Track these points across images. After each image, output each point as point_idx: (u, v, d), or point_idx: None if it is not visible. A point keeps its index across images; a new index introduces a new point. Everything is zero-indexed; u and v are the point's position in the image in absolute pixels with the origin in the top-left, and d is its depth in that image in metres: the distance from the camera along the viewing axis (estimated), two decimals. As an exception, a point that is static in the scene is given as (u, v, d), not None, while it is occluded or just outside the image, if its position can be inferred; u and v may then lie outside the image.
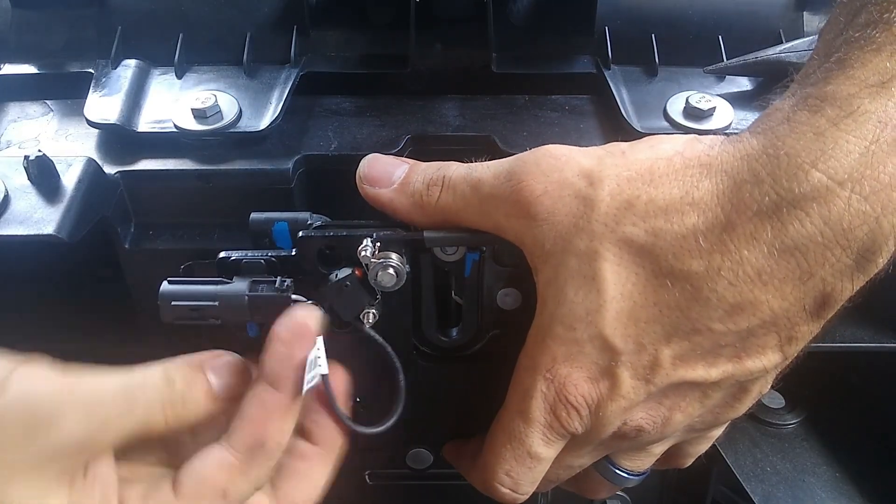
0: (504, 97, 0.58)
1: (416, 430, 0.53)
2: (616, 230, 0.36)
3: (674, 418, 0.40)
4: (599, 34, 0.60)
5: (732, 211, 0.34)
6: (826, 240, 0.33)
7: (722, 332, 0.36)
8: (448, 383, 0.51)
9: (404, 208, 0.43)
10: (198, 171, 0.51)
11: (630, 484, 0.46)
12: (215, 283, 0.41)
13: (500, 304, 0.47)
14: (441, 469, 0.55)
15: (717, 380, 0.38)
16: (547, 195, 0.38)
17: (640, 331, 0.37)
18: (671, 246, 0.35)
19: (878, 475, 0.66)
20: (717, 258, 0.35)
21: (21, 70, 0.59)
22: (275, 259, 0.42)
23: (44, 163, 0.45)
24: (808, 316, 0.36)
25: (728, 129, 0.53)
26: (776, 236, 0.34)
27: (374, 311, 0.44)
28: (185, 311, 0.40)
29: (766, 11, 0.60)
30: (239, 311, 0.40)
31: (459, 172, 0.42)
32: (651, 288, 0.36)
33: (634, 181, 0.37)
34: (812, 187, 0.33)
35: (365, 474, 0.61)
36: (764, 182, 0.34)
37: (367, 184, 0.44)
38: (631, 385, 0.38)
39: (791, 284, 0.34)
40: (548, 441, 0.41)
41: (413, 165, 0.44)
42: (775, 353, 0.37)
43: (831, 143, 0.33)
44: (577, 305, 0.37)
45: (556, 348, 0.38)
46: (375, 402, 0.48)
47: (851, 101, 0.34)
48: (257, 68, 0.59)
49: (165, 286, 0.40)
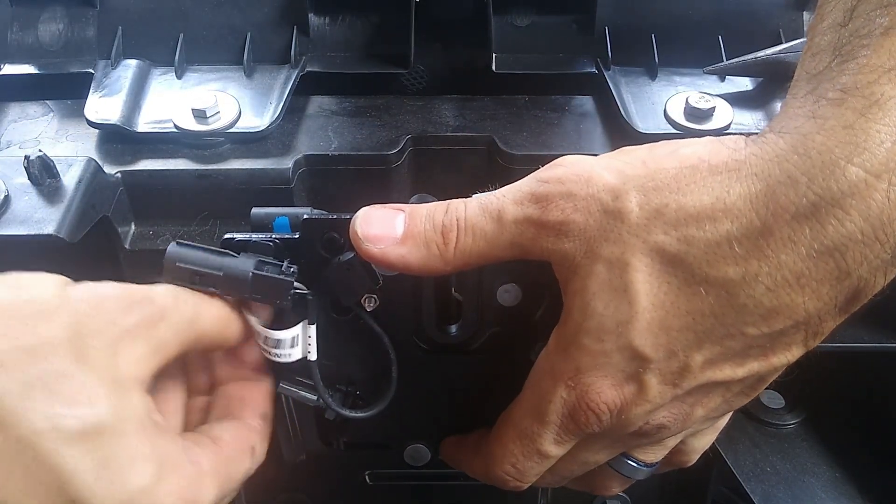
0: (504, 97, 0.58)
1: (414, 426, 0.53)
2: (647, 240, 0.36)
3: (695, 413, 0.40)
4: (599, 34, 0.60)
5: (769, 215, 0.33)
6: (865, 237, 0.32)
7: (755, 336, 0.36)
8: (448, 379, 0.51)
9: (418, 261, 0.40)
10: (198, 171, 0.51)
11: (642, 476, 0.46)
12: (223, 255, 0.41)
13: (499, 300, 0.47)
14: (439, 468, 0.55)
15: (742, 377, 0.38)
16: (578, 212, 0.37)
17: (672, 339, 0.36)
18: (704, 253, 0.35)
19: (878, 475, 0.66)
20: (755, 264, 0.34)
21: (21, 70, 0.59)
22: (279, 242, 0.42)
23: (44, 163, 0.46)
24: (837, 312, 0.35)
25: (728, 130, 0.53)
26: (815, 238, 0.33)
27: (376, 297, 0.44)
28: (188, 274, 0.40)
29: (766, 11, 0.60)
30: (240, 285, 0.40)
31: (473, 209, 0.40)
32: (684, 296, 0.35)
33: (661, 190, 0.36)
34: (850, 184, 0.32)
35: (365, 474, 0.61)
36: (799, 183, 0.33)
37: (370, 243, 0.40)
38: (658, 390, 0.38)
39: (828, 285, 0.34)
40: (560, 441, 0.41)
41: (411, 211, 0.41)
42: (800, 348, 0.37)
43: (862, 134, 0.32)
44: (607, 318, 0.37)
45: (582, 358, 0.38)
46: (371, 393, 0.48)
47: (873, 88, 0.33)
48: (257, 68, 0.59)
49: (173, 247, 0.40)
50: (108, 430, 0.33)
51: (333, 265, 0.42)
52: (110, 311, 0.36)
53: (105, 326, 0.35)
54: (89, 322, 0.35)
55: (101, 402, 0.33)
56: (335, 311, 0.46)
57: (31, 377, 0.32)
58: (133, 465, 0.34)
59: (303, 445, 0.55)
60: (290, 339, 0.43)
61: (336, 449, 0.56)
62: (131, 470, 0.34)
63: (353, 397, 0.49)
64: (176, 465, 0.36)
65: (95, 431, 0.33)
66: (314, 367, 0.44)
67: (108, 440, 0.33)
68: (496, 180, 0.53)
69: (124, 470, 0.33)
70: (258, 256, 0.41)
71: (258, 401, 0.44)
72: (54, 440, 0.32)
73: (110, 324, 0.36)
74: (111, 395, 0.34)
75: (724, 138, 0.37)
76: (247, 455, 0.42)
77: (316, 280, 0.43)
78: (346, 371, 0.49)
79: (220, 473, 0.39)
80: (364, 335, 0.46)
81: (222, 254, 0.41)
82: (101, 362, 0.34)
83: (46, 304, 0.34)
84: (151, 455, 0.35)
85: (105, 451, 0.33)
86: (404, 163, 0.54)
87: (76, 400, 0.33)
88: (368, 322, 0.46)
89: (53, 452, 0.32)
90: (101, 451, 0.33)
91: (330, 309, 0.46)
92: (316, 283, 0.43)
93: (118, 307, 0.36)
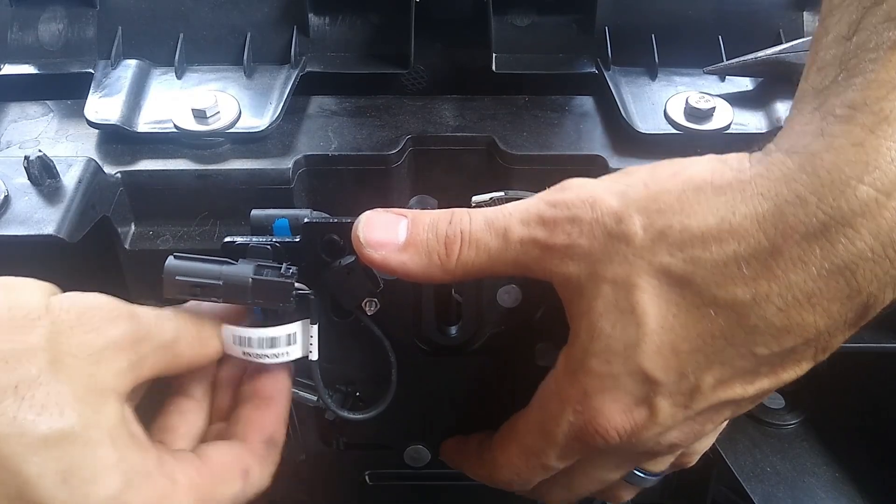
0: (504, 97, 0.58)
1: (414, 427, 0.53)
2: (652, 261, 0.35)
3: (705, 430, 0.40)
4: (599, 34, 0.60)
5: (777, 235, 0.33)
6: (875, 255, 0.32)
7: (766, 356, 0.35)
8: (448, 381, 0.51)
9: (419, 269, 0.40)
10: (198, 171, 0.51)
11: (650, 484, 0.46)
12: (221, 263, 0.41)
13: (499, 301, 0.47)
14: (439, 469, 0.55)
15: (752, 395, 0.37)
16: (583, 237, 0.37)
17: (682, 361, 0.36)
18: (712, 275, 0.34)
19: (878, 475, 0.66)
20: (764, 284, 0.33)
21: (21, 70, 0.59)
22: (279, 245, 0.42)
23: (44, 163, 0.46)
24: (847, 327, 0.35)
25: (728, 130, 0.53)
26: (825, 257, 0.32)
27: (376, 301, 0.44)
28: (188, 288, 0.40)
29: (766, 11, 0.60)
30: (241, 292, 0.40)
31: (479, 223, 0.39)
32: (693, 318, 0.35)
33: (664, 212, 0.36)
34: (861, 203, 0.32)
35: (365, 474, 0.61)
36: (809, 202, 0.32)
37: (371, 248, 0.40)
38: (669, 413, 0.37)
39: (839, 303, 0.33)
40: (565, 457, 0.41)
41: (414, 218, 0.40)
42: (809, 362, 0.36)
43: (873, 153, 0.32)
44: (615, 339, 0.36)
45: (589, 382, 0.38)
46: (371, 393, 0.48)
47: (882, 104, 0.32)
48: (257, 68, 0.59)
49: (171, 261, 0.40)
50: (75, 439, 0.33)
51: (334, 269, 0.42)
52: (94, 321, 0.36)
53: (87, 337, 0.35)
54: (70, 332, 0.35)
55: (71, 411, 0.33)
56: (335, 313, 0.46)
57: (4, 384, 0.32)
58: (99, 476, 0.33)
59: (303, 445, 0.55)
60: (286, 336, 0.42)
61: (336, 449, 0.56)
62: (96, 480, 0.33)
63: (352, 398, 0.49)
64: (147, 478, 0.36)
65: (62, 439, 0.33)
66: (315, 368, 0.44)
67: (74, 449, 0.33)
68: (496, 180, 0.53)
69: (89, 480, 0.33)
70: (257, 261, 0.41)
71: (266, 424, 0.43)
72: (19, 445, 0.32)
73: (93, 334, 0.35)
74: (83, 405, 0.34)
75: (728, 157, 0.36)
76: (237, 477, 0.40)
77: (316, 283, 0.43)
78: (346, 372, 0.49)
79: (200, 491, 0.38)
80: (364, 337, 0.46)
81: (221, 262, 0.41)
82: (76, 372, 0.34)
83: (30, 311, 0.34)
84: (119, 466, 0.34)
85: (70, 459, 0.33)
86: (404, 163, 0.54)
87: (45, 407, 0.32)
88: (369, 326, 0.45)
89: (17, 457, 0.31)
90: (66, 459, 0.33)
91: (330, 311, 0.46)
92: (316, 285, 0.43)
93: (103, 318, 0.36)
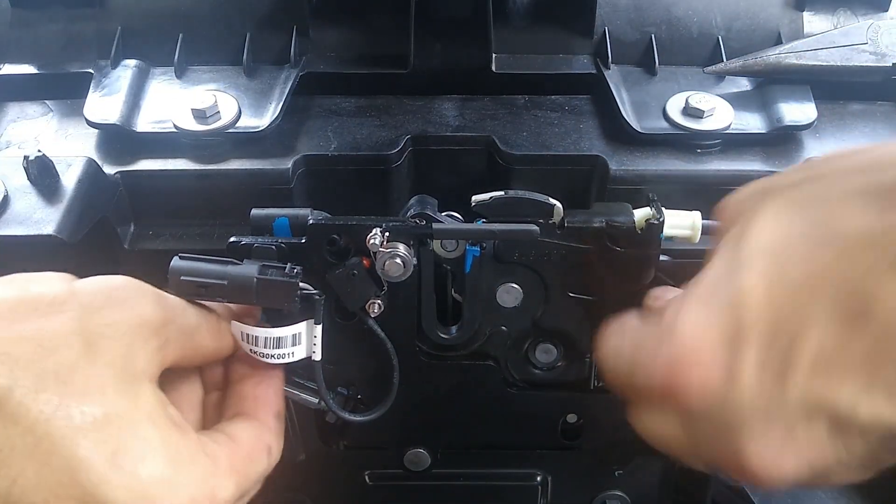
0: (504, 97, 0.58)
1: (414, 430, 0.53)
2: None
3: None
4: (599, 34, 0.60)
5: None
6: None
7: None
8: (448, 381, 0.51)
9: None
10: (197, 171, 0.51)
11: None
12: (226, 263, 0.41)
13: (499, 301, 0.47)
14: (440, 469, 0.55)
15: (864, 419, 0.31)
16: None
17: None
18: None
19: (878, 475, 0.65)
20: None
21: (21, 70, 0.59)
22: (284, 246, 0.42)
23: (44, 163, 0.46)
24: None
25: (728, 130, 0.53)
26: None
27: (380, 303, 0.44)
28: (193, 288, 0.40)
29: (766, 11, 0.60)
30: (246, 292, 0.40)
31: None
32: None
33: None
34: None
35: (365, 474, 0.61)
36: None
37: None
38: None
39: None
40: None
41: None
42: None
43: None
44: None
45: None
46: (371, 395, 0.48)
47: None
48: (257, 68, 0.59)
49: (176, 261, 0.40)
50: (119, 421, 0.33)
51: (339, 270, 0.42)
52: (124, 300, 0.36)
53: (119, 316, 0.35)
54: (100, 313, 0.35)
55: (113, 393, 0.34)
56: (339, 315, 0.46)
57: (43, 370, 0.32)
58: (146, 456, 0.34)
59: (303, 445, 0.55)
60: (292, 336, 0.42)
61: (336, 449, 0.56)
62: (144, 460, 0.34)
63: (353, 400, 0.49)
64: (192, 459, 0.36)
65: (107, 422, 0.33)
66: (318, 368, 0.44)
67: (119, 431, 0.33)
68: (496, 180, 0.53)
69: (137, 460, 0.33)
70: (261, 261, 0.41)
71: (272, 399, 0.44)
72: (67, 431, 0.32)
73: (126, 313, 0.36)
74: (123, 387, 0.34)
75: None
76: (264, 454, 0.41)
77: (321, 284, 0.43)
78: (347, 373, 0.49)
79: (238, 471, 0.39)
80: (366, 339, 0.46)
81: (225, 262, 0.41)
82: (112, 354, 0.35)
83: (55, 298, 0.34)
84: (165, 447, 0.35)
85: (117, 441, 0.33)
86: (404, 163, 0.54)
87: (87, 391, 0.33)
88: (373, 327, 0.45)
89: (67, 443, 0.32)
90: (113, 441, 0.33)
91: (334, 313, 0.46)
92: (320, 287, 0.43)
93: (132, 296, 0.37)
